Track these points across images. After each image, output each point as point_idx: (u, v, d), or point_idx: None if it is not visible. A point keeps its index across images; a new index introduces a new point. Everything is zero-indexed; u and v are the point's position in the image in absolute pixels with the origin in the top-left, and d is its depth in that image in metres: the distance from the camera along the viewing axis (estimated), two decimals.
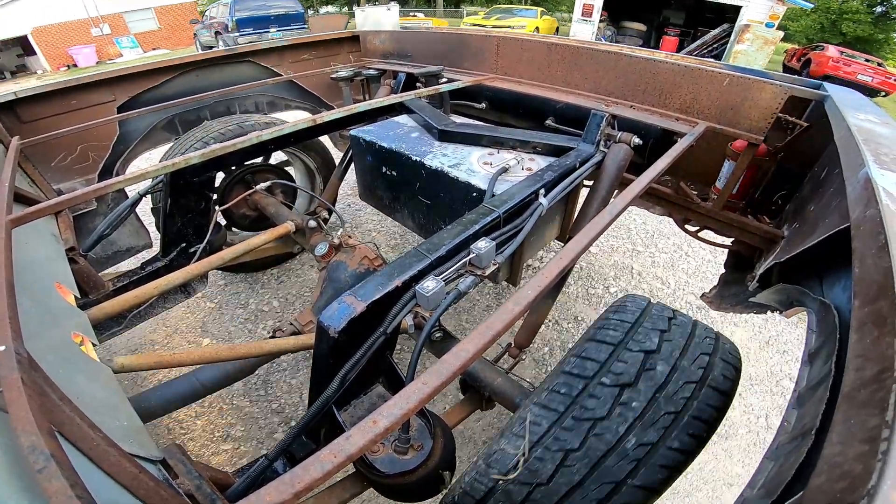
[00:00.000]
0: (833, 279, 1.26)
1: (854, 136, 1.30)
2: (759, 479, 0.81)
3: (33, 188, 2.34)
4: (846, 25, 20.73)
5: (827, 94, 1.87)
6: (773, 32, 14.35)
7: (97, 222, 2.68)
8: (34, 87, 2.47)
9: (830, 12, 21.26)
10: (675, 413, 1.05)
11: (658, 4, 18.27)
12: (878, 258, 0.78)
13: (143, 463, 0.85)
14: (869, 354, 0.66)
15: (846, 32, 20.69)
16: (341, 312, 1.13)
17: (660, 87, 2.24)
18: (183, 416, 2.61)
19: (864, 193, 1.01)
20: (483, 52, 3.07)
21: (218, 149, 1.89)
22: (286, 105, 3.78)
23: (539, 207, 1.61)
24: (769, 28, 14.48)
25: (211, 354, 1.54)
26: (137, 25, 24.64)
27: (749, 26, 14.38)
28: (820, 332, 1.07)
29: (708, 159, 2.34)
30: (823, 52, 15.87)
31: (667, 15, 18.64)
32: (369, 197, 2.52)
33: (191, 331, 3.25)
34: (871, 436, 0.53)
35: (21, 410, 0.63)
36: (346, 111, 2.31)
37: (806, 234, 1.52)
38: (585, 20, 16.91)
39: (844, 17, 20.86)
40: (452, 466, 1.32)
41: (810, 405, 0.84)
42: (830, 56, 15.29)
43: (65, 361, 1.07)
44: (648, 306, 1.32)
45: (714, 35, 16.07)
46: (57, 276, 1.46)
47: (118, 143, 2.83)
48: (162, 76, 2.99)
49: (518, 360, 1.99)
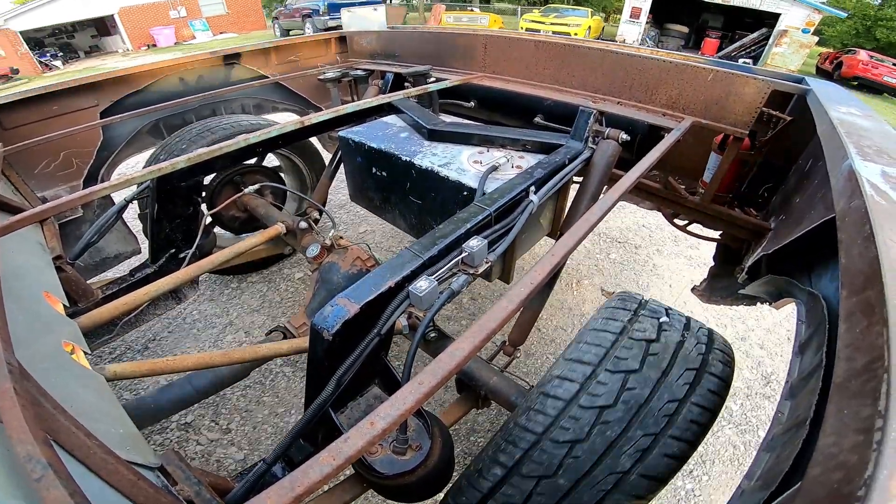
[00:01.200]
0: (821, 270, 1.29)
1: (837, 129, 1.33)
2: (757, 471, 0.82)
3: (17, 196, 2.30)
4: (880, 31, 21.50)
5: (809, 88, 1.90)
6: (809, 37, 15.58)
7: (84, 230, 2.65)
8: (15, 94, 2.42)
9: (866, 18, 22.02)
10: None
11: (699, 8, 19.37)
12: (864, 248, 0.80)
13: (141, 470, 0.84)
14: (858, 344, 0.67)
15: (879, 38, 21.55)
16: (335, 315, 1.12)
17: (646, 83, 2.26)
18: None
19: (848, 185, 1.03)
20: (471, 51, 3.08)
21: (205, 153, 1.87)
22: (273, 107, 3.75)
23: (530, 205, 1.62)
24: (805, 34, 15.84)
25: (204, 360, 1.53)
26: (208, 9, 26.81)
27: (787, 31, 15.71)
28: (809, 323, 1.09)
29: (695, 154, 2.37)
30: (855, 55, 17.21)
31: (706, 18, 20.00)
32: (360, 198, 2.51)
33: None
34: (865, 426, 0.53)
35: (15, 420, 0.62)
36: (335, 112, 2.30)
37: (792, 225, 1.54)
38: (633, 21, 19.08)
39: (879, 23, 21.63)
40: (451, 465, 1.33)
41: (803, 396, 0.85)
42: (861, 59, 16.72)
43: (57, 370, 1.05)
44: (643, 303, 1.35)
45: (753, 38, 17.57)
46: (45, 285, 1.44)
47: (102, 148, 2.78)
48: (145, 80, 2.95)
49: (513, 358, 2.00)
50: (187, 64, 3.12)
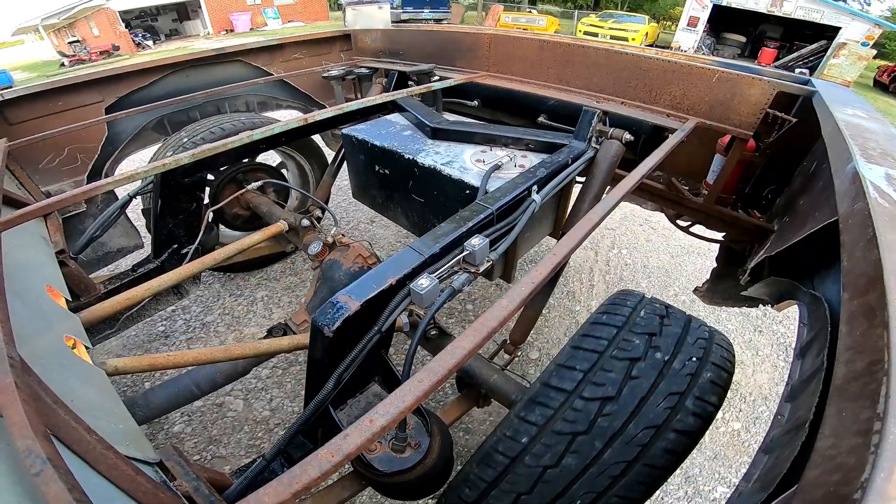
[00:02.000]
0: (823, 272, 1.28)
1: (842, 131, 1.32)
2: (755, 473, 0.82)
3: (21, 191, 2.32)
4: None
5: (815, 89, 1.89)
6: (868, 51, 15.69)
7: (87, 224, 2.66)
8: (20, 89, 2.43)
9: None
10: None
11: (758, 19, 19.57)
12: (867, 251, 0.79)
13: (141, 465, 0.85)
14: (859, 347, 0.67)
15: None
16: (336, 311, 1.13)
17: (650, 83, 2.25)
18: None
19: (851, 187, 1.02)
20: (475, 50, 3.07)
21: (208, 149, 1.87)
22: (277, 105, 3.75)
23: (532, 204, 1.61)
24: (864, 47, 15.96)
25: (205, 356, 1.54)
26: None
27: (846, 44, 15.77)
28: (811, 326, 1.08)
29: (699, 155, 2.36)
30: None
31: (764, 28, 20.22)
32: (362, 196, 2.51)
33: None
34: (864, 428, 0.53)
35: (16, 414, 0.62)
36: (338, 110, 2.30)
37: (796, 227, 1.53)
38: (690, 30, 19.77)
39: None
40: (450, 463, 1.33)
41: (803, 398, 0.85)
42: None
43: (58, 365, 1.06)
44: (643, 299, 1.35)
45: (811, 49, 17.94)
46: (47, 279, 1.45)
47: (107, 144, 2.79)
48: (150, 76, 2.96)
49: (514, 357, 2.00)
50: (192, 60, 3.13)
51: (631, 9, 29.88)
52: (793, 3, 17.43)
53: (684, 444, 1.08)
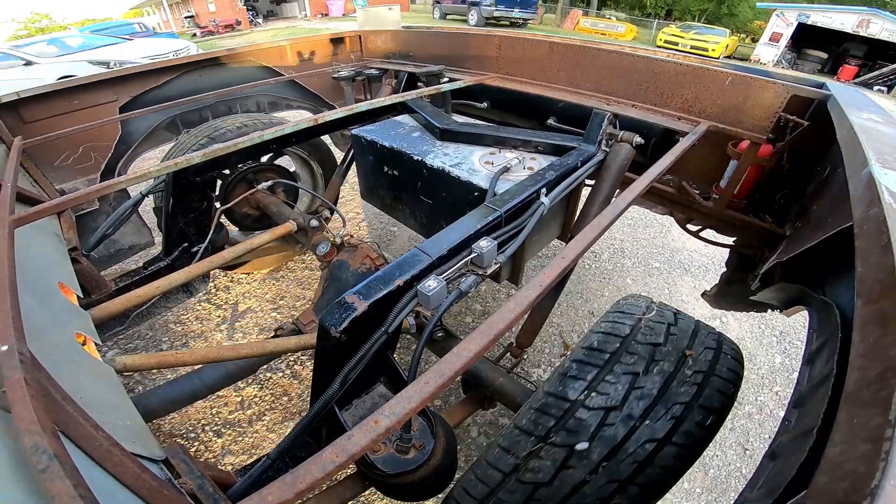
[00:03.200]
0: (835, 278, 1.26)
1: (857, 136, 1.30)
2: (760, 478, 0.80)
3: (36, 188, 2.35)
4: None
5: (830, 93, 1.86)
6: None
7: (99, 222, 2.69)
8: (36, 88, 2.47)
9: None
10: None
11: (841, 37, 19.95)
12: (882, 257, 0.78)
13: (146, 463, 0.85)
14: (872, 354, 0.66)
15: None
16: (343, 312, 1.13)
17: (661, 86, 2.23)
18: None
19: (866, 192, 1.00)
20: (484, 52, 3.07)
21: (220, 149, 1.89)
22: (288, 105, 3.78)
23: (540, 207, 1.60)
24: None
25: (213, 354, 1.55)
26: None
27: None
28: (821, 332, 1.07)
29: (710, 158, 2.34)
30: None
31: (847, 47, 20.46)
32: (371, 196, 2.52)
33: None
34: (875, 435, 0.52)
35: (24, 410, 0.63)
36: (348, 111, 2.31)
37: (808, 233, 1.51)
38: (772, 45, 20.88)
39: None
40: (454, 465, 1.32)
41: (812, 404, 0.84)
42: None
43: (68, 361, 1.07)
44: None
45: (892, 69, 18.11)
46: (60, 276, 1.47)
47: (120, 143, 2.83)
48: (164, 76, 2.99)
49: (520, 360, 1.99)
50: (205, 60, 3.16)
51: (708, 21, 30.19)
52: (879, 24, 18.02)
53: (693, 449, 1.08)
